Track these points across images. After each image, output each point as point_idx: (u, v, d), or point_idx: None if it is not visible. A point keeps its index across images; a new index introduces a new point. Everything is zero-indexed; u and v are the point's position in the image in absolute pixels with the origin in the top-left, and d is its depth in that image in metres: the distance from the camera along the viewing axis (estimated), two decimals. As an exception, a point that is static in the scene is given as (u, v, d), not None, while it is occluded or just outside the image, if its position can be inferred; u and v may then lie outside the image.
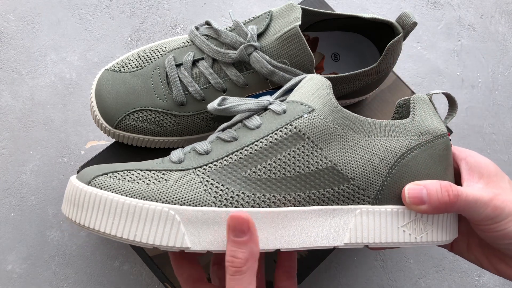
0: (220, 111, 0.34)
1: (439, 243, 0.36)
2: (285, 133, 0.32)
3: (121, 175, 0.31)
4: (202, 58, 0.41)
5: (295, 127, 0.32)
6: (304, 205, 0.32)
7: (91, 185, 0.31)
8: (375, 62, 0.44)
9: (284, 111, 0.33)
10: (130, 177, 0.31)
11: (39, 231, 0.53)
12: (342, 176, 0.33)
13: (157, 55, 0.42)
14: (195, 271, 0.35)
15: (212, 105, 0.34)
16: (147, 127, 0.42)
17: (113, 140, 0.49)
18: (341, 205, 0.33)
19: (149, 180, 0.31)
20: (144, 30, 0.63)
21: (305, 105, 0.33)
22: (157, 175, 0.32)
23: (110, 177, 0.31)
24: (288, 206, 0.32)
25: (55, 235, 0.53)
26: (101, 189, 0.30)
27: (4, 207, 0.53)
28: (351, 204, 0.33)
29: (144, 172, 0.32)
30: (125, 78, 0.42)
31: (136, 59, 0.42)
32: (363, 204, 0.34)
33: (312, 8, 0.43)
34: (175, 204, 0.30)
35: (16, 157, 0.55)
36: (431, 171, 0.35)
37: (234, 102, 0.34)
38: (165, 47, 0.43)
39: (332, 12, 0.45)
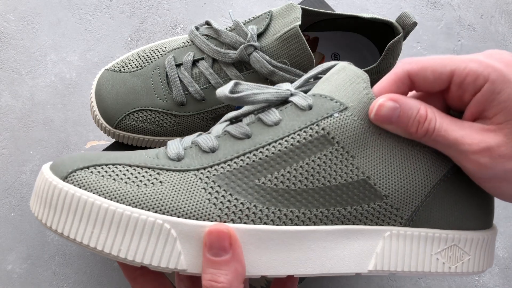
0: (232, 100, 0.27)
1: (474, 273, 0.30)
2: (310, 135, 0.27)
3: (106, 171, 0.26)
4: (202, 58, 0.41)
5: (322, 129, 0.27)
6: (326, 224, 0.27)
7: (67, 181, 0.25)
8: (375, 62, 0.44)
9: (310, 107, 0.28)
10: (117, 175, 0.26)
11: (39, 231, 0.53)
12: (375, 192, 0.28)
13: (157, 55, 0.42)
14: (160, 284, 0.29)
15: (223, 91, 0.27)
16: (147, 127, 0.42)
17: (113, 140, 0.49)
18: (369, 225, 0.28)
19: (140, 181, 0.26)
20: (144, 30, 0.63)
21: (335, 101, 0.28)
22: (150, 175, 0.26)
23: (92, 172, 0.25)
24: (307, 225, 0.27)
25: (55, 235, 0.53)
26: (79, 187, 0.25)
27: (4, 207, 0.53)
28: (380, 225, 0.28)
29: (134, 170, 0.26)
30: (125, 78, 0.42)
31: (136, 59, 0.42)
32: (394, 226, 0.29)
33: (312, 8, 0.43)
34: (171, 215, 0.25)
35: (16, 157, 0.55)
36: (474, 191, 0.30)
37: (250, 89, 0.28)
38: (165, 47, 0.43)
39: (332, 12, 0.45)
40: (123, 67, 0.42)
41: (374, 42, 0.48)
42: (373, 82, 0.45)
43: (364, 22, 0.45)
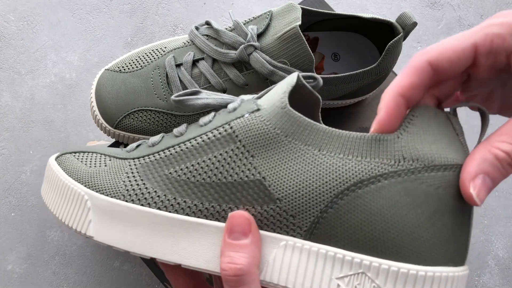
0: (176, 103, 0.31)
1: None
2: (220, 133, 0.28)
3: (82, 157, 0.32)
4: (202, 58, 0.41)
5: (231, 127, 0.28)
6: (218, 220, 0.28)
7: (56, 161, 0.32)
8: (375, 62, 0.44)
9: (235, 109, 0.29)
10: (86, 159, 0.32)
11: (39, 231, 0.53)
12: (269, 194, 0.27)
13: (157, 55, 0.42)
14: (191, 274, 0.31)
15: (173, 95, 0.32)
16: (147, 127, 0.42)
17: (113, 140, 0.49)
18: (265, 230, 0.27)
19: (94, 164, 0.31)
20: (144, 30, 0.63)
21: (254, 104, 0.29)
22: (104, 160, 0.32)
23: (74, 156, 0.32)
24: (198, 217, 0.28)
25: (55, 235, 0.53)
26: (58, 165, 0.32)
27: (4, 207, 0.53)
28: (277, 232, 0.27)
29: (101, 157, 0.32)
30: (125, 78, 0.42)
31: (136, 59, 0.42)
32: (293, 236, 0.27)
33: (312, 8, 0.43)
34: (92, 189, 0.30)
35: (16, 157, 0.55)
36: (401, 214, 0.25)
37: (196, 95, 0.32)
38: (165, 47, 0.43)
39: (332, 12, 0.45)
40: (123, 67, 0.42)
41: (374, 42, 0.48)
42: (372, 82, 0.45)
43: (364, 22, 0.45)
